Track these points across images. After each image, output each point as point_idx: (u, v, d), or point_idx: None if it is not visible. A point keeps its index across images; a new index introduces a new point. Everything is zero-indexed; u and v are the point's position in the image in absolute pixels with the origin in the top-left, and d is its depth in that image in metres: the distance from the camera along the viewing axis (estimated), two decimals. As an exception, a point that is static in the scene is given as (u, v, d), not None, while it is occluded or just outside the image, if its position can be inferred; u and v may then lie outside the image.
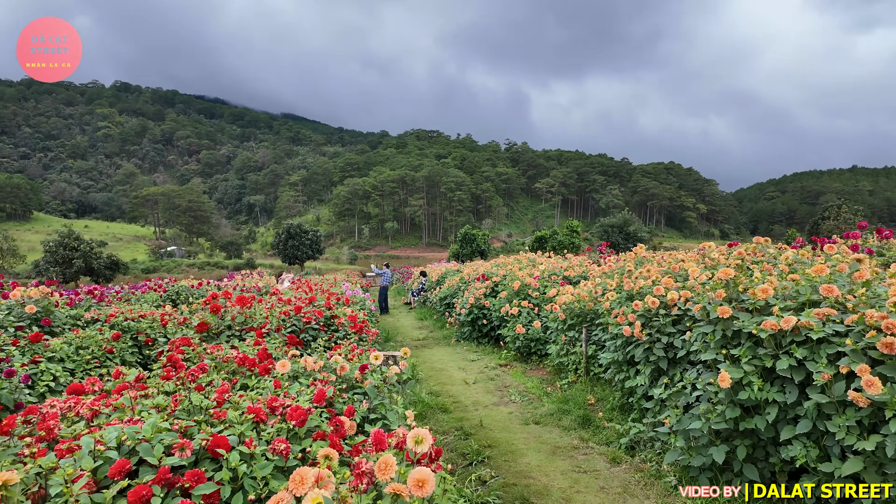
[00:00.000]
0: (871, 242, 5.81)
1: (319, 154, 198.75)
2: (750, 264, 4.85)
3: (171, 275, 68.09)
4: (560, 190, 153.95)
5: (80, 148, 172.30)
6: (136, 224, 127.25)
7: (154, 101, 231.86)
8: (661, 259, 6.25)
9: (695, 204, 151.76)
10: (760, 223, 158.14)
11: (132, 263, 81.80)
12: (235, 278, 16.20)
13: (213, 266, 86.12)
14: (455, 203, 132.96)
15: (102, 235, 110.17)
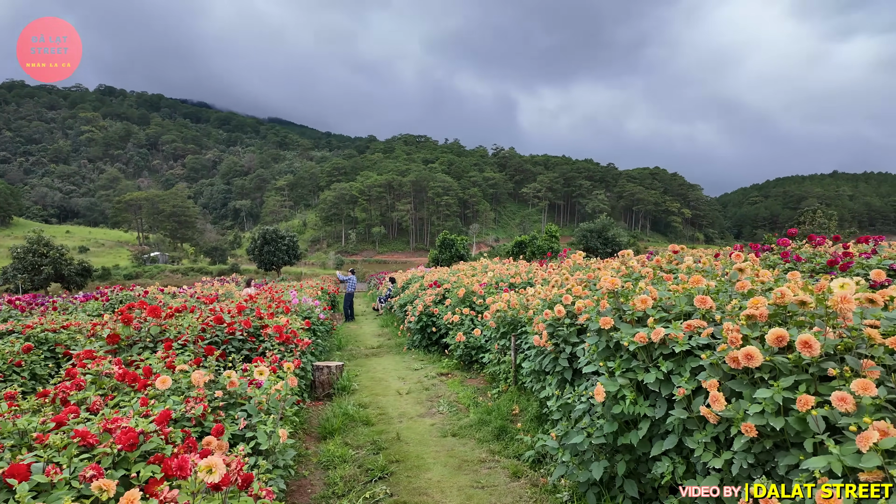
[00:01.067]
0: (817, 250, 5.81)
1: (307, 159, 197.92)
2: (664, 273, 4.79)
3: (153, 280, 67.24)
4: (547, 195, 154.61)
5: (62, 152, 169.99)
6: (119, 229, 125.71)
7: (139, 104, 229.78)
8: (602, 266, 6.18)
9: (679, 209, 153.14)
10: (744, 227, 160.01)
11: (114, 269, 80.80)
12: (195, 286, 15.92)
13: (196, 272, 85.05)
14: (442, 208, 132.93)
15: (84, 241, 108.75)
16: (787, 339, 2.35)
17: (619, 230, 45.12)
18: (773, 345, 2.40)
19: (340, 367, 7.95)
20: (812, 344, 2.22)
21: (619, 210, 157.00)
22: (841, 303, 2.34)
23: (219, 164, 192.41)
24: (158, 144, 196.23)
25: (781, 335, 2.36)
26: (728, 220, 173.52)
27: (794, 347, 2.28)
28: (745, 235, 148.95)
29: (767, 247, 6.86)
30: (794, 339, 2.30)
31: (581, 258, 6.95)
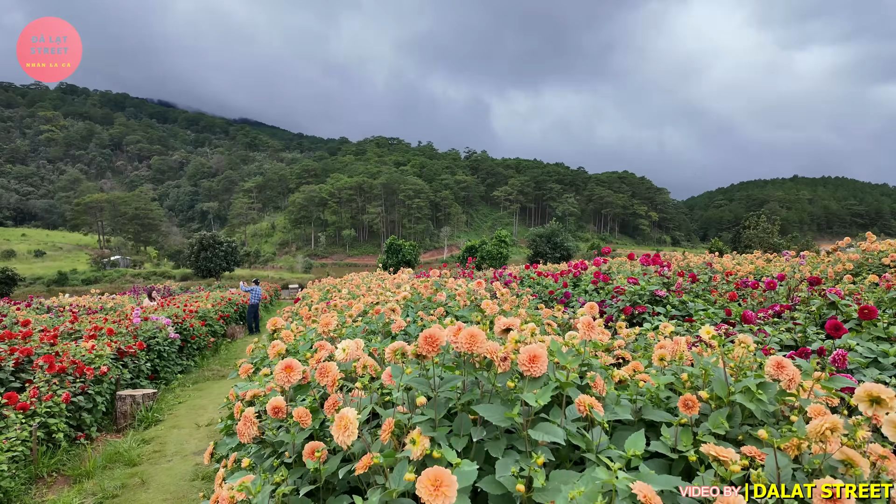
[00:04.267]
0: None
1: (277, 160, 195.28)
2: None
3: (113, 285, 65.35)
4: (518, 198, 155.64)
5: (19, 152, 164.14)
6: (79, 232, 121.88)
7: (103, 104, 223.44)
8: (359, 282, 6.00)
9: (647, 212, 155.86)
10: (710, 230, 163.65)
11: (72, 274, 78.08)
12: (83, 298, 15.35)
13: (159, 276, 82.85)
14: (414, 211, 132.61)
15: (41, 244, 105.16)
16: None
17: (567, 235, 45.52)
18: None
19: (152, 394, 7.64)
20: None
21: (588, 213, 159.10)
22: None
23: (186, 165, 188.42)
24: (123, 145, 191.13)
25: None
26: (694, 223, 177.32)
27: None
28: (711, 237, 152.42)
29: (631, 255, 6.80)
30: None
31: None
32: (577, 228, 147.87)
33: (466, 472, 1.36)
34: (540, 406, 1.51)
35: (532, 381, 1.62)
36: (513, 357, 1.67)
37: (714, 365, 2.11)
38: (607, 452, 1.59)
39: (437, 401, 1.68)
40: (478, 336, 1.65)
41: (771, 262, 11.82)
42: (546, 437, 1.47)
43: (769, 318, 4.23)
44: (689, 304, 5.00)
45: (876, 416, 1.57)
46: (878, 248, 8.30)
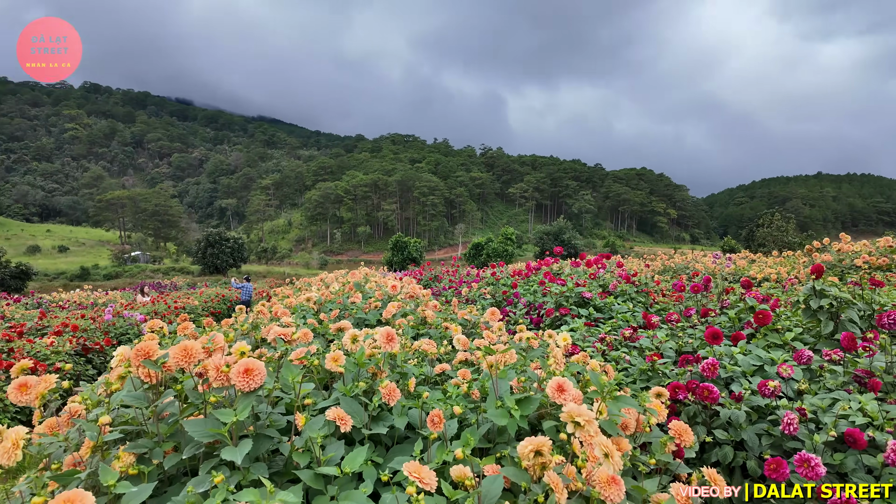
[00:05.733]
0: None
1: (294, 157, 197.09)
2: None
3: (134, 280, 66.67)
4: (533, 195, 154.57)
5: (45, 150, 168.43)
6: (101, 228, 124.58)
7: (125, 102, 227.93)
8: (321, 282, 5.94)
9: (665, 209, 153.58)
10: (730, 227, 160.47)
11: (94, 269, 79.85)
12: (74, 294, 15.64)
13: (178, 271, 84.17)
14: (428, 208, 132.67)
15: (65, 240, 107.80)
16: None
17: (574, 233, 44.94)
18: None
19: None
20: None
21: (605, 210, 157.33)
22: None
23: (205, 162, 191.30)
24: (144, 142, 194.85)
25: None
26: (714, 221, 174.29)
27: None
28: (731, 235, 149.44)
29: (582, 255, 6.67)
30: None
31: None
32: (593, 226, 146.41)
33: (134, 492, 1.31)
34: (234, 423, 1.44)
35: (244, 395, 1.55)
36: (223, 370, 1.60)
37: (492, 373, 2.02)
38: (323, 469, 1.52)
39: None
40: (191, 350, 1.59)
41: (754, 263, 11.53)
42: (231, 456, 1.40)
43: (677, 323, 4.09)
44: (615, 306, 4.87)
45: (534, 467, 1.49)
46: (852, 249, 8.02)
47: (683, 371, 3.09)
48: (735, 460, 2.60)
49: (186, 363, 1.56)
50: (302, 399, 1.85)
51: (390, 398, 1.93)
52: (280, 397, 1.89)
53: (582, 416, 1.45)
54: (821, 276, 3.40)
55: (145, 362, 1.59)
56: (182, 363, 1.55)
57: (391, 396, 1.94)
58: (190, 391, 1.60)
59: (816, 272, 3.40)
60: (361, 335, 2.39)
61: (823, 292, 3.34)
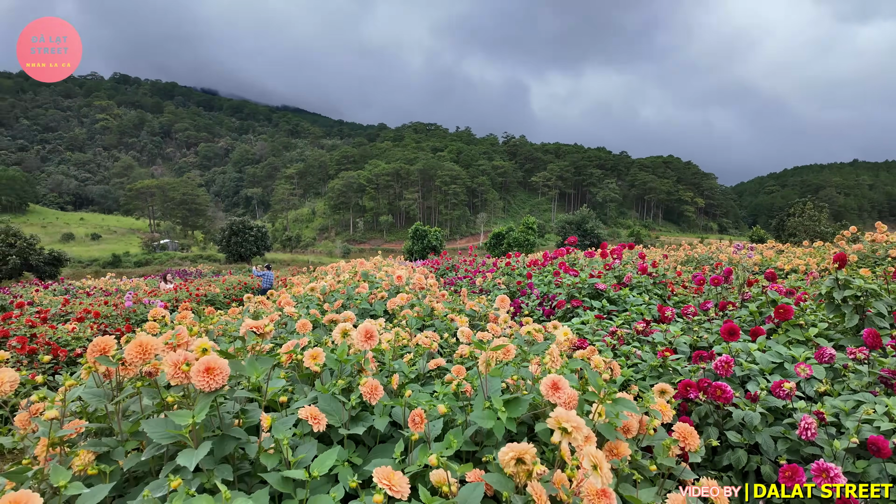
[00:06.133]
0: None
1: (318, 147, 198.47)
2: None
3: (163, 267, 68.34)
4: (557, 184, 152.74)
5: (78, 140, 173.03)
6: (132, 217, 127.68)
7: (153, 93, 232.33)
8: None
9: (693, 198, 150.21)
10: (759, 217, 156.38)
11: (125, 256, 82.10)
12: (100, 281, 15.99)
13: (205, 259, 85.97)
14: (450, 197, 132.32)
15: (97, 228, 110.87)
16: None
17: (597, 222, 44.13)
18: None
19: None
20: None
21: (630, 199, 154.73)
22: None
23: (231, 151, 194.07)
24: (172, 132, 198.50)
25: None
26: (743, 210, 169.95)
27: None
28: (761, 225, 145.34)
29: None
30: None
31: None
32: (618, 215, 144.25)
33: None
34: (192, 424, 1.36)
35: (204, 395, 1.46)
36: (184, 369, 1.52)
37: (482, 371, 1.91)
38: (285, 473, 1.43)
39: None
40: (146, 346, 1.51)
41: (782, 254, 11.12)
42: (185, 461, 1.33)
43: (693, 317, 3.90)
44: (629, 298, 4.69)
45: (518, 475, 1.37)
46: (887, 239, 7.62)
47: (696, 368, 2.93)
48: (749, 465, 2.45)
49: (142, 360, 1.48)
50: (278, 396, 1.77)
51: (372, 396, 1.84)
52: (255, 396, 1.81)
53: (570, 421, 1.34)
54: (844, 265, 3.18)
55: (100, 359, 1.52)
56: (137, 360, 1.48)
57: (373, 395, 1.84)
58: (146, 390, 1.53)
59: (839, 261, 3.19)
60: (353, 329, 2.29)
61: (847, 283, 3.13)
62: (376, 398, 1.84)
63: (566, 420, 1.34)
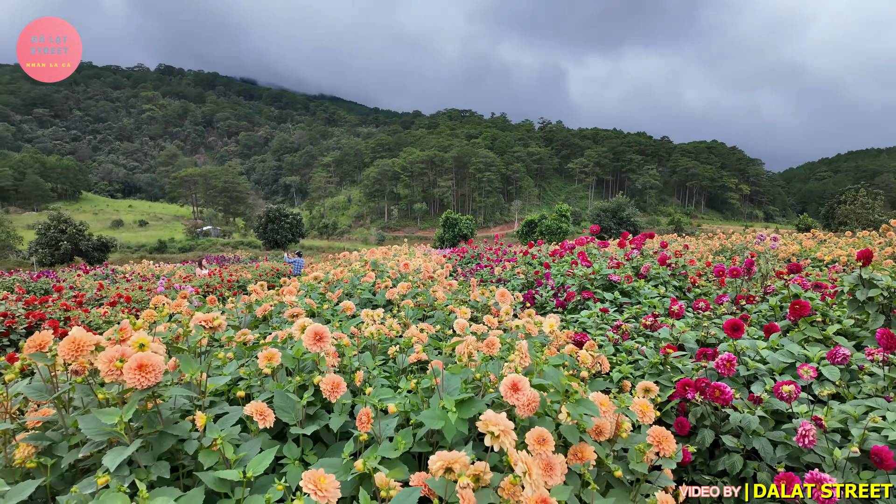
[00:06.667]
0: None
1: (354, 135, 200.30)
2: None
3: (205, 253, 70.79)
4: (594, 170, 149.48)
5: (126, 130, 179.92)
6: (176, 204, 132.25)
7: (196, 83, 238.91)
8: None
9: (737, 184, 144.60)
10: (809, 204, 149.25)
11: (170, 242, 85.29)
12: (136, 266, 16.56)
13: (246, 245, 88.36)
14: (484, 184, 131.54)
15: (144, 215, 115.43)
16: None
17: (633, 210, 42.90)
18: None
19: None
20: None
21: (671, 186, 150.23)
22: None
23: (270, 140, 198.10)
24: (214, 121, 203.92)
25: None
26: (792, 197, 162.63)
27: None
28: (810, 212, 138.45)
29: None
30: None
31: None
32: (658, 202, 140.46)
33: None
34: (120, 422, 1.35)
35: (138, 392, 1.44)
36: (116, 365, 1.49)
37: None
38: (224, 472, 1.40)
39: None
40: (80, 342, 1.49)
41: (824, 244, 10.56)
42: (109, 462, 1.31)
43: (704, 311, 3.70)
44: (643, 290, 4.51)
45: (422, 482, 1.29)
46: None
47: (698, 367, 2.77)
48: (745, 470, 2.30)
49: (75, 356, 1.47)
50: (237, 391, 1.74)
51: (332, 394, 1.79)
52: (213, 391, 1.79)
53: (497, 425, 1.25)
54: (869, 262, 2.94)
55: (34, 355, 1.51)
56: (70, 356, 1.47)
57: (334, 392, 1.79)
58: (80, 386, 1.52)
59: (864, 258, 2.94)
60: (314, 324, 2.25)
61: (872, 282, 2.89)
62: (336, 395, 1.79)
63: (493, 423, 1.25)
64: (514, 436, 1.28)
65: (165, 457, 1.49)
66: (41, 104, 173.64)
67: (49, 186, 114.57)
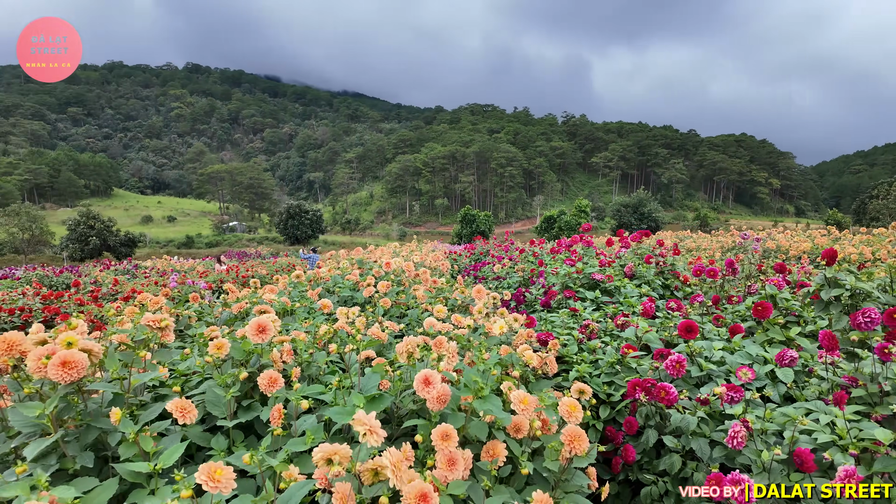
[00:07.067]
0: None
1: (376, 131, 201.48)
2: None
3: (232, 248, 72.32)
4: (619, 164, 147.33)
5: (155, 128, 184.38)
6: (203, 200, 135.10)
7: (222, 81, 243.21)
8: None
9: (767, 178, 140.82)
10: (843, 199, 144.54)
11: (197, 237, 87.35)
12: (157, 261, 17.02)
13: (270, 241, 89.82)
14: (506, 179, 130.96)
15: (172, 211, 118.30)
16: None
17: (655, 205, 42.11)
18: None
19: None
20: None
21: (698, 180, 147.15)
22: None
23: (294, 137, 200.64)
24: (239, 119, 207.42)
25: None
26: (825, 192, 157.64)
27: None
28: (844, 207, 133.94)
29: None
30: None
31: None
32: (684, 197, 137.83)
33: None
34: (42, 414, 1.46)
35: (63, 387, 1.55)
36: (43, 362, 1.60)
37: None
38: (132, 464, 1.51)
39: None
40: (11, 341, 1.62)
41: (839, 241, 10.30)
42: (28, 452, 1.44)
43: (674, 311, 3.70)
44: (625, 289, 4.50)
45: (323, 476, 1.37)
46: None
47: (651, 367, 2.80)
48: (684, 471, 2.33)
49: (8, 355, 1.59)
50: (173, 386, 1.85)
51: (268, 388, 1.89)
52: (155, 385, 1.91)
53: (364, 423, 1.33)
54: (833, 261, 2.91)
55: None
56: (3, 355, 1.59)
57: (269, 387, 1.89)
58: (9, 381, 1.65)
59: (828, 258, 2.91)
60: (274, 323, 2.34)
61: (837, 281, 2.86)
62: (272, 390, 1.89)
63: (360, 423, 1.33)
64: (382, 434, 1.36)
65: (94, 448, 1.60)
66: (75, 103, 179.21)
67: (82, 183, 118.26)
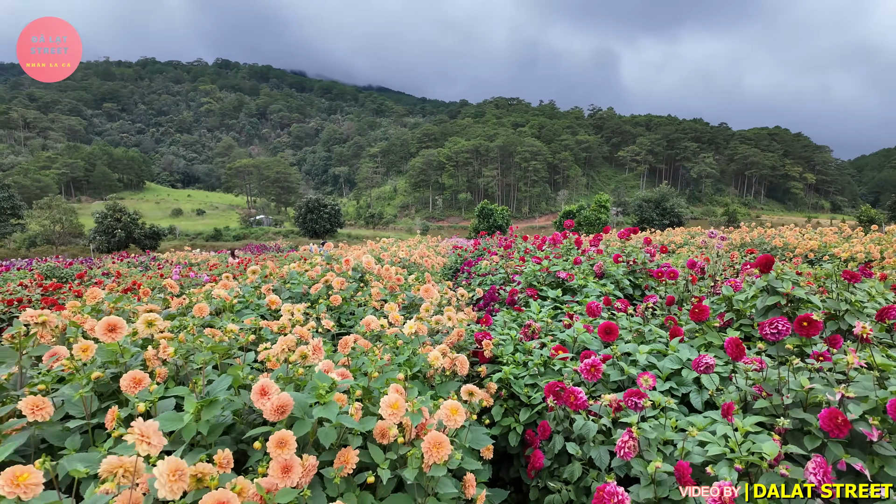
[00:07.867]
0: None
1: (401, 125, 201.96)
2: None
3: (258, 241, 73.72)
4: (647, 158, 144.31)
5: (185, 123, 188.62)
6: (231, 194, 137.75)
7: (250, 76, 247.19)
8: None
9: (801, 173, 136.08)
10: (883, 194, 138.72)
11: (225, 230, 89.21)
12: (175, 254, 17.38)
13: (296, 234, 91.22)
14: (530, 173, 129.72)
15: (201, 204, 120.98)
16: None
17: (679, 200, 41.02)
18: None
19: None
20: None
21: (729, 174, 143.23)
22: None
23: (321, 131, 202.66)
24: (267, 113, 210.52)
25: None
26: (863, 186, 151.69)
27: None
28: (883, 203, 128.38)
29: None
30: None
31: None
32: (714, 192, 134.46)
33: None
34: None
35: None
36: None
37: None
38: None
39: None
40: None
41: (850, 239, 9.88)
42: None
43: (620, 312, 3.58)
44: (586, 288, 4.39)
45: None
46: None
47: (576, 371, 2.71)
48: (584, 480, 2.24)
49: None
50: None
51: (131, 389, 1.88)
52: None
53: (135, 433, 1.29)
54: (768, 269, 2.76)
55: None
56: None
57: (133, 387, 1.89)
58: None
59: (762, 265, 2.76)
60: (160, 321, 2.34)
61: (773, 289, 2.72)
62: (136, 390, 1.88)
63: (135, 431, 1.29)
64: (155, 442, 1.32)
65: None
66: (110, 99, 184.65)
67: (116, 177, 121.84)
